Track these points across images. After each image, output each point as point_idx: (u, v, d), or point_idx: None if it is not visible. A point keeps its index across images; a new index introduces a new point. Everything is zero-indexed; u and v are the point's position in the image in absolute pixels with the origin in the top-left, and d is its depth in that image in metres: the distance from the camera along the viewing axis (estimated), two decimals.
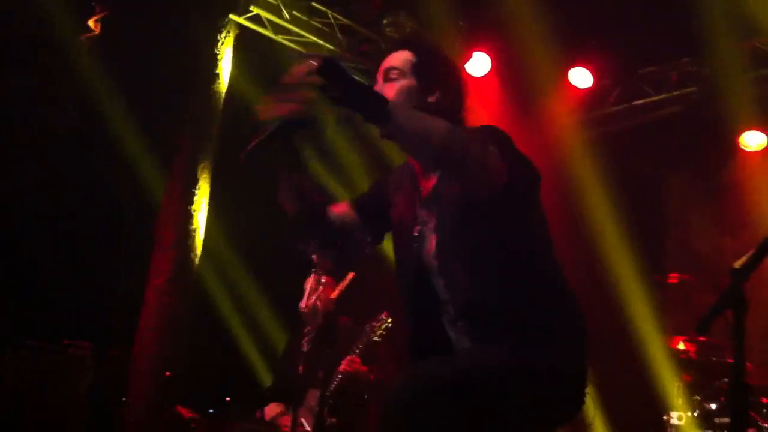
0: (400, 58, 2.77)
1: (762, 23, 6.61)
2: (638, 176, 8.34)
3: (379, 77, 2.78)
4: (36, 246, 6.69)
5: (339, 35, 7.74)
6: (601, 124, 8.52)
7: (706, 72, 7.73)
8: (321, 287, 4.48)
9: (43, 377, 5.94)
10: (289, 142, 2.72)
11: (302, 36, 7.51)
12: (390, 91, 2.69)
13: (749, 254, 2.61)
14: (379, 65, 2.79)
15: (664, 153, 8.47)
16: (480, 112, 8.00)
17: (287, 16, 7.32)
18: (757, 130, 7.75)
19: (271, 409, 5.33)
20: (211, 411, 7.14)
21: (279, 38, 7.49)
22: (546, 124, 8.00)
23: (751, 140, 7.82)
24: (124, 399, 5.97)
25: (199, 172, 6.28)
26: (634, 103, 8.39)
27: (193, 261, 6.22)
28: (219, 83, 6.42)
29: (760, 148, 7.81)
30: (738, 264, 2.60)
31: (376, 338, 5.01)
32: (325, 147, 7.64)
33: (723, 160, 8.07)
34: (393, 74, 2.74)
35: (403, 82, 2.72)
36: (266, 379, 7.21)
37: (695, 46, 7.47)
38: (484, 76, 8.04)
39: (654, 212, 8.53)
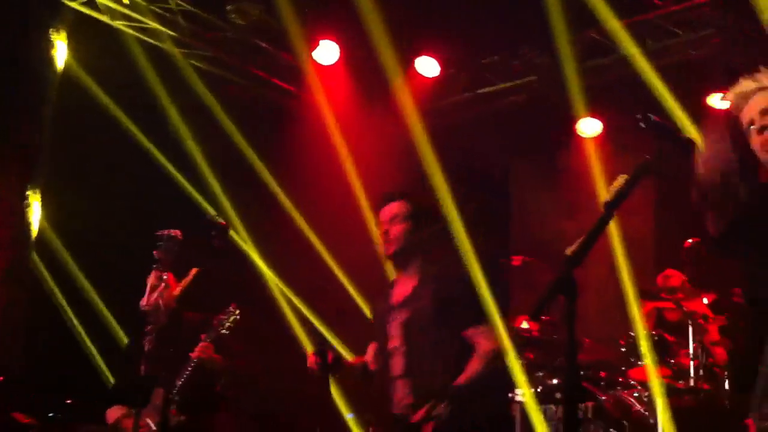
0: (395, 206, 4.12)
1: (598, 14, 6.89)
2: (483, 163, 8.57)
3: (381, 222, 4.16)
4: None
5: (182, 21, 7.51)
6: (448, 113, 8.68)
7: (546, 61, 8.00)
8: (163, 284, 4.34)
9: None
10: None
11: (142, 22, 7.24)
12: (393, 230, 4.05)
13: (579, 241, 2.70)
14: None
15: (509, 140, 8.74)
16: (330, 101, 8.03)
17: (126, 0, 7.05)
18: (593, 117, 8.11)
19: (114, 412, 5.15)
20: (51, 414, 6.82)
21: (117, 24, 7.19)
22: (395, 112, 8.06)
23: (587, 127, 8.18)
24: None
25: (30, 164, 5.94)
26: (479, 91, 8.60)
27: (27, 260, 5.90)
28: (51, 70, 6.08)
29: (596, 135, 8.19)
30: (569, 251, 2.68)
31: (224, 331, 4.92)
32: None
33: (562, 146, 8.42)
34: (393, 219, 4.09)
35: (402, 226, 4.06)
36: (110, 379, 6.94)
37: (535, 35, 7.71)
38: (332, 64, 8.02)
39: (500, 196, 8.80)
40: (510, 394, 6.29)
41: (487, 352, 3.80)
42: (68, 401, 6.81)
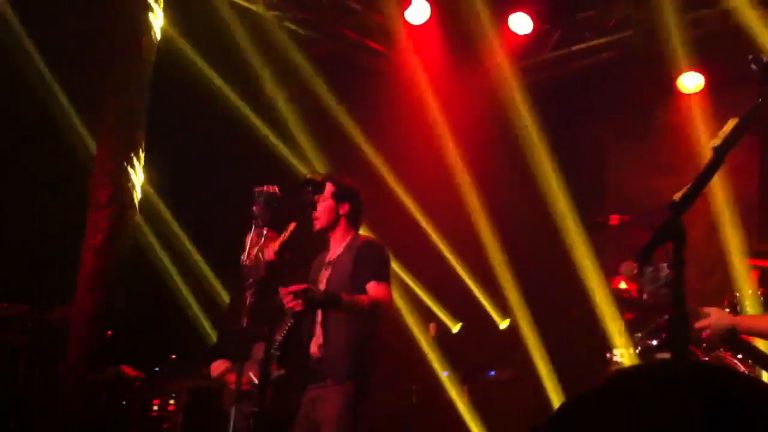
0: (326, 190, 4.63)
1: None
2: (577, 120, 8.39)
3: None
4: None
5: None
6: (541, 69, 8.52)
7: (643, 15, 7.74)
8: (262, 239, 4.40)
9: None
10: None
11: None
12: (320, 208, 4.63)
13: (687, 186, 2.62)
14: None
15: (603, 97, 8.52)
16: (421, 61, 7.97)
17: None
18: (695, 71, 7.82)
19: (217, 366, 5.28)
20: (156, 369, 7.08)
21: None
22: (487, 70, 7.96)
23: (688, 82, 7.90)
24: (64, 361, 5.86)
25: (132, 128, 6.11)
26: (573, 48, 8.40)
27: (130, 218, 6.08)
28: (150, 37, 6.21)
29: (698, 90, 7.89)
30: (677, 197, 2.60)
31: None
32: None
33: (660, 103, 8.15)
34: (321, 198, 4.62)
35: (329, 203, 4.63)
36: (211, 335, 7.15)
37: None
38: (423, 23, 7.93)
39: (593, 156, 8.62)
40: (608, 355, 6.21)
41: (376, 298, 4.43)
42: (172, 356, 7.06)
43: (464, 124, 8.01)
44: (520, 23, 7.98)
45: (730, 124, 2.72)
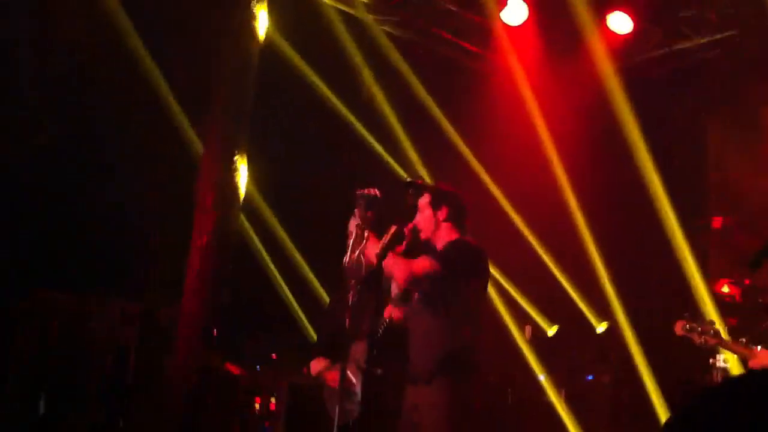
0: (423, 198, 4.64)
1: None
2: (679, 119, 8.21)
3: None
4: (81, 203, 6.76)
5: None
6: (642, 69, 8.37)
7: (747, 12, 7.53)
8: (364, 241, 4.48)
9: (69, 329, 6.10)
10: None
11: None
12: (419, 218, 4.65)
13: None
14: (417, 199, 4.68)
15: (705, 96, 8.32)
16: (519, 62, 7.94)
17: None
18: None
19: (317, 364, 5.37)
20: (258, 367, 7.27)
21: None
22: (586, 70, 7.87)
23: None
24: (171, 359, 6.07)
25: (237, 132, 6.29)
26: (675, 47, 8.23)
27: (234, 221, 6.27)
28: (255, 40, 6.38)
29: None
30: None
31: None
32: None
33: (765, 101, 7.91)
34: (420, 208, 4.65)
35: (427, 212, 4.63)
36: (311, 334, 7.30)
37: None
38: (521, 24, 7.89)
39: (696, 156, 8.42)
40: (711, 360, 6.08)
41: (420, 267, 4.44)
42: (273, 355, 7.23)
43: (563, 124, 7.95)
44: (620, 22, 7.85)
45: None
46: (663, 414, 6.96)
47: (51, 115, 6.63)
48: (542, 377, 7.58)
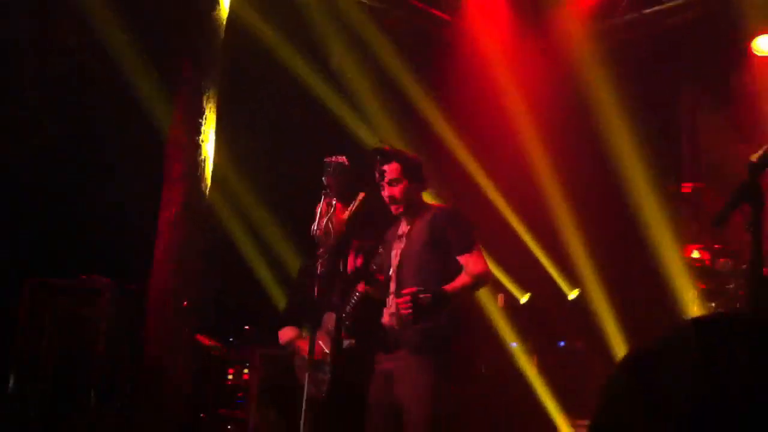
0: (394, 168, 4.48)
1: None
2: (651, 85, 8.20)
3: (384, 183, 4.50)
4: (45, 182, 6.69)
5: None
6: (612, 34, 8.35)
7: None
8: (332, 209, 4.45)
9: (63, 312, 6.02)
10: None
11: None
12: (396, 190, 4.49)
13: (765, 148, 2.57)
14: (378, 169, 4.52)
15: (676, 61, 8.32)
16: (488, 29, 7.88)
17: None
18: None
19: (286, 333, 5.34)
20: (231, 339, 7.25)
21: None
22: (556, 36, 7.84)
23: (764, 44, 7.64)
24: (144, 331, 6.02)
25: (204, 102, 6.20)
26: (645, 11, 8.21)
27: (203, 191, 6.20)
28: (219, 9, 6.28)
29: None
30: (755, 157, 2.56)
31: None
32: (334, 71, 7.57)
33: (736, 66, 7.92)
34: (393, 181, 4.49)
35: (402, 185, 4.48)
36: (283, 304, 7.27)
37: None
38: None
39: (667, 121, 8.44)
40: None
41: (477, 273, 4.36)
42: (246, 326, 7.21)
43: (533, 91, 7.93)
44: None
45: None
46: None
47: (49, 115, 6.56)
48: (515, 344, 7.62)
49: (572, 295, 8.01)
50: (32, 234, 6.61)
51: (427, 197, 4.83)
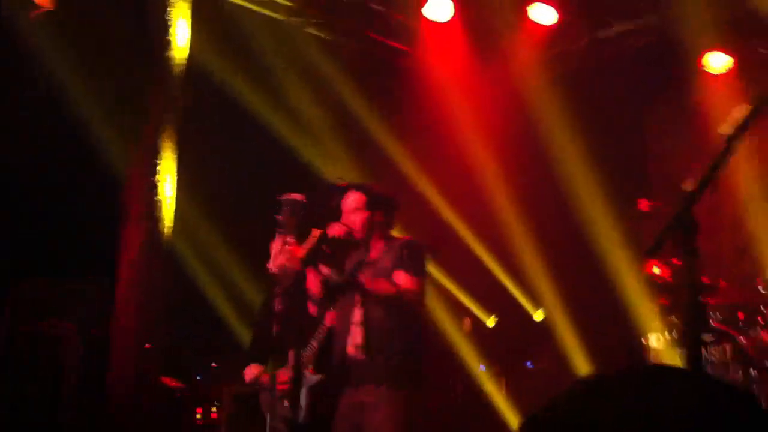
0: (357, 199, 4.66)
1: None
2: (608, 107, 8.31)
3: (347, 211, 4.67)
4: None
5: None
6: (568, 60, 8.46)
7: None
8: (288, 246, 4.46)
9: (30, 356, 5.98)
10: None
11: None
12: (357, 219, 4.65)
13: (699, 177, 2.63)
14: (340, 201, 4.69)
15: (636, 83, 8.43)
16: (444, 58, 7.96)
17: None
18: (722, 51, 7.70)
19: (250, 371, 5.35)
20: (198, 378, 7.21)
21: (240, 1, 7.37)
22: (512, 64, 7.94)
23: (715, 62, 7.78)
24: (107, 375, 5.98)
25: (162, 141, 6.21)
26: (600, 35, 8.32)
27: (163, 231, 6.18)
28: (172, 49, 6.30)
29: (725, 70, 7.77)
30: (687, 186, 2.61)
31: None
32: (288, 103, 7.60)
33: (691, 85, 8.04)
34: (356, 210, 4.65)
35: (363, 215, 4.65)
36: (247, 341, 7.25)
37: None
38: (447, 21, 7.88)
39: (624, 142, 8.54)
40: (643, 340, 6.21)
41: (402, 285, 4.45)
42: (213, 365, 7.17)
43: (492, 119, 8.01)
44: (543, 14, 7.90)
45: (741, 111, 2.71)
46: None
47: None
48: (483, 368, 7.65)
49: (538, 316, 8.06)
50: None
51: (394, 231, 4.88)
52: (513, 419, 7.17)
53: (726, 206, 7.10)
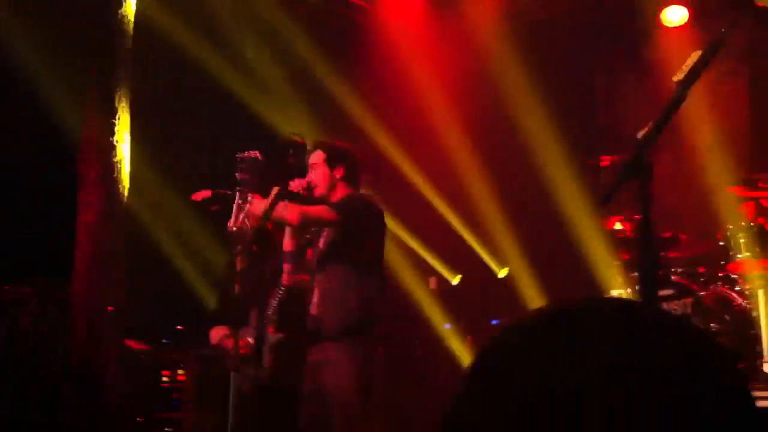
0: (316, 154, 4.70)
1: None
2: (565, 61, 8.32)
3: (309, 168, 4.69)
4: None
5: None
6: (524, 13, 8.42)
7: None
8: (248, 204, 4.44)
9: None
10: None
11: None
12: (318, 175, 4.68)
13: (651, 123, 2.63)
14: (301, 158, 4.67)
15: (590, 36, 8.44)
16: (402, 14, 7.88)
17: None
18: (678, 4, 7.74)
19: (216, 333, 5.34)
20: (164, 341, 7.17)
21: None
22: (468, 17, 7.90)
23: (672, 15, 7.81)
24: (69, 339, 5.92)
25: (117, 102, 6.09)
26: None
27: (121, 193, 6.09)
28: (125, 7, 6.15)
29: (683, 23, 7.81)
30: (640, 134, 2.62)
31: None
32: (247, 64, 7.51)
33: (646, 37, 8.06)
34: (315, 165, 4.68)
35: (324, 170, 4.67)
36: (210, 302, 7.22)
37: None
38: None
39: (583, 97, 8.57)
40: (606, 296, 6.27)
41: (309, 211, 4.49)
42: (178, 327, 7.13)
43: (450, 74, 7.98)
44: None
45: (693, 57, 2.71)
46: None
47: None
48: (448, 326, 7.70)
49: (502, 273, 8.12)
50: None
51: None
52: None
53: (686, 159, 7.17)
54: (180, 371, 6.95)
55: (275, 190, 4.41)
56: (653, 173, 2.56)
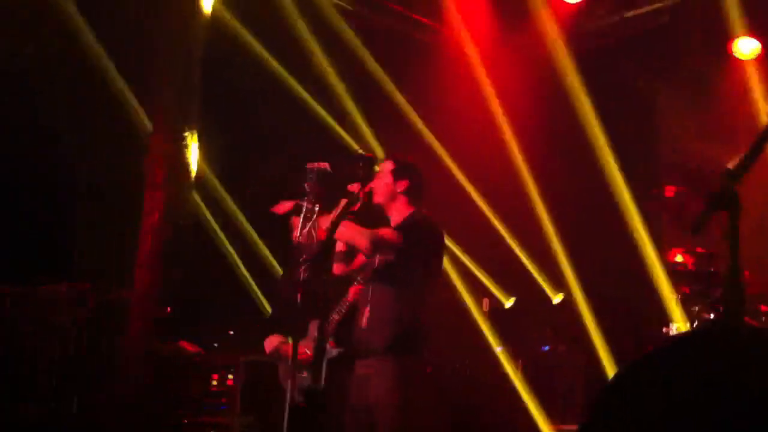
0: (384, 165, 4.71)
1: None
2: (630, 89, 8.24)
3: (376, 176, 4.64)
4: (30, 188, 6.66)
5: None
6: (592, 38, 8.38)
7: None
8: (315, 216, 4.44)
9: (40, 317, 6.00)
10: None
11: None
12: (380, 184, 4.65)
13: (742, 155, 2.58)
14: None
15: (658, 64, 8.35)
16: (470, 34, 7.88)
17: None
18: (751, 36, 7.63)
19: (271, 341, 5.33)
20: (215, 345, 7.23)
21: None
22: (537, 40, 7.87)
23: (744, 47, 7.70)
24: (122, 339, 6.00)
25: (186, 108, 6.18)
26: (626, 14, 8.25)
27: (186, 196, 6.17)
28: (200, 14, 6.25)
29: (754, 56, 7.70)
30: (731, 165, 2.57)
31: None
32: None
33: (714, 68, 7.96)
34: (381, 175, 4.65)
35: (387, 180, 4.66)
36: (267, 309, 7.26)
37: None
38: None
39: (646, 125, 8.47)
40: (665, 329, 6.15)
41: (376, 234, 4.49)
42: (230, 332, 7.18)
43: (515, 96, 7.95)
44: None
45: None
46: None
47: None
48: (500, 348, 7.63)
49: (557, 299, 8.04)
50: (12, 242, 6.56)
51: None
52: (528, 401, 7.16)
53: (753, 191, 7.02)
54: (230, 376, 7.00)
55: (343, 202, 4.41)
56: (741, 205, 2.51)
